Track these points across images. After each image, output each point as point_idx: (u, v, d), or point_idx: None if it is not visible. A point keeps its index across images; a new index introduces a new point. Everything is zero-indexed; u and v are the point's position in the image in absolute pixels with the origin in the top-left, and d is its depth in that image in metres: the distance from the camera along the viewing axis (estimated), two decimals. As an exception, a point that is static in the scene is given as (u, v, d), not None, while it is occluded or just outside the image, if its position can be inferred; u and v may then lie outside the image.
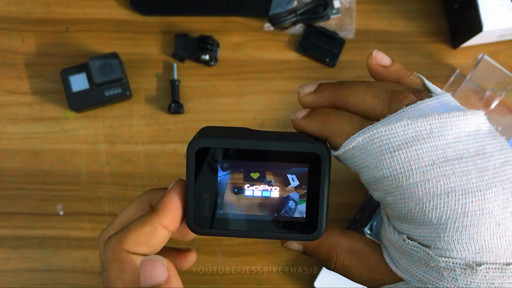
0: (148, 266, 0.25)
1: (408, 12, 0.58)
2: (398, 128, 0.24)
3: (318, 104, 0.28)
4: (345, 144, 0.25)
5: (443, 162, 0.23)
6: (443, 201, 0.23)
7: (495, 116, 0.55)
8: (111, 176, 0.55)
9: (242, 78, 0.57)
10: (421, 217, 0.24)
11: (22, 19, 0.57)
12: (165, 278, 0.25)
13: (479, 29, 0.52)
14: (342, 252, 0.28)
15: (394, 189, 0.24)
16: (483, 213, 0.23)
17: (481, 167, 0.23)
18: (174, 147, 0.56)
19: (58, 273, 0.54)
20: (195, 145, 0.26)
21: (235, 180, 0.26)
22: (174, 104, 0.55)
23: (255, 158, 0.26)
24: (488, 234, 0.23)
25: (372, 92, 0.26)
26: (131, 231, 0.26)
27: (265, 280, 0.55)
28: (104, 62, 0.53)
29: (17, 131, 0.55)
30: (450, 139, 0.24)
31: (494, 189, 0.23)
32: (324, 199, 0.26)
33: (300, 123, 0.28)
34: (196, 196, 0.26)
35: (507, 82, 0.54)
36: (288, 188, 0.26)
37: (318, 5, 0.55)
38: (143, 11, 0.57)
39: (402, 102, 0.25)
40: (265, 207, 0.27)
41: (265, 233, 0.27)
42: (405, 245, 0.25)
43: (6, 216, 0.55)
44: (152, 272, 0.24)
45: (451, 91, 0.55)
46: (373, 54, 0.28)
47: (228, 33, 0.57)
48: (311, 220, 0.26)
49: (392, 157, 0.24)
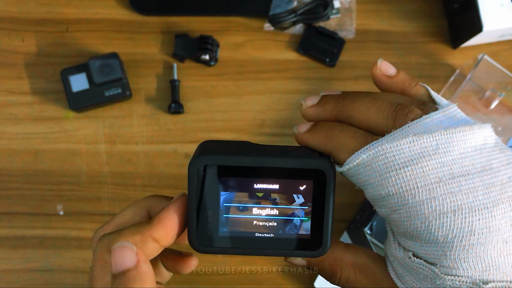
0: (118, 252, 0.25)
1: (408, 12, 0.58)
2: (403, 144, 0.23)
3: (321, 117, 0.27)
4: (349, 160, 0.25)
5: (449, 179, 0.23)
6: (450, 220, 0.23)
7: (495, 116, 0.55)
8: (111, 176, 0.55)
9: (242, 78, 0.57)
10: (427, 235, 0.23)
11: (22, 19, 0.57)
12: (134, 263, 0.25)
13: (479, 29, 0.52)
14: (346, 267, 0.27)
15: (400, 207, 0.24)
16: (490, 231, 0.22)
17: (488, 183, 0.23)
18: (174, 147, 0.56)
19: (58, 273, 0.54)
20: (197, 163, 0.25)
21: (239, 198, 0.26)
22: (174, 104, 0.55)
23: (258, 175, 0.26)
24: (495, 252, 0.23)
25: (376, 106, 0.25)
26: (122, 235, 0.26)
27: (265, 280, 0.55)
28: (104, 62, 0.53)
29: (17, 131, 0.55)
30: (457, 155, 0.23)
31: (501, 205, 0.22)
32: (329, 216, 0.26)
33: (303, 138, 0.27)
34: (198, 214, 0.26)
35: (507, 82, 0.54)
36: (293, 205, 0.26)
37: (318, 5, 0.55)
38: (143, 11, 0.57)
39: (407, 117, 0.24)
40: (270, 225, 0.26)
41: (269, 251, 0.26)
42: (411, 263, 0.25)
43: (6, 216, 0.55)
44: (121, 258, 0.25)
45: (451, 91, 0.55)
46: (378, 64, 0.27)
47: (228, 33, 0.57)
48: (316, 237, 0.26)
49: (398, 175, 0.23)
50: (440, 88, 0.57)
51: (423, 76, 0.57)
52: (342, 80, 0.57)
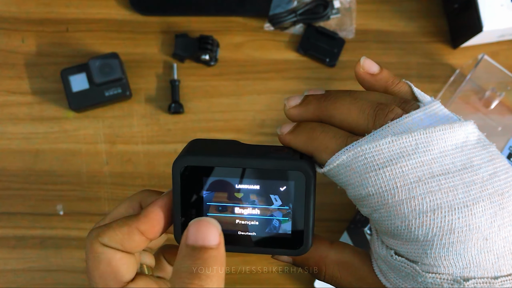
0: (203, 225, 0.24)
1: (408, 12, 0.58)
2: (382, 145, 0.23)
3: (304, 117, 0.27)
4: (329, 162, 0.25)
5: (429, 178, 0.23)
6: (429, 219, 0.23)
7: (495, 116, 0.55)
8: (111, 176, 0.55)
9: (242, 78, 0.57)
10: (408, 234, 0.23)
11: (22, 19, 0.57)
12: (217, 242, 0.24)
13: (479, 29, 0.52)
14: (331, 264, 0.28)
15: (380, 206, 0.24)
16: (469, 229, 0.22)
17: (468, 181, 0.23)
18: (174, 147, 0.56)
19: (58, 273, 0.54)
20: (180, 163, 0.26)
21: (220, 198, 0.27)
22: (174, 104, 0.55)
23: (239, 176, 0.26)
24: (475, 249, 0.23)
25: (357, 106, 0.25)
26: (110, 228, 0.27)
27: (265, 280, 0.55)
28: (104, 62, 0.53)
29: (17, 131, 0.55)
30: (436, 154, 0.23)
31: (482, 203, 0.23)
32: (309, 216, 0.26)
33: (286, 138, 0.27)
34: (183, 211, 0.27)
35: (507, 82, 0.54)
36: (272, 208, 0.26)
37: (318, 5, 0.55)
38: (143, 11, 0.57)
39: (387, 116, 0.24)
40: (252, 224, 0.27)
41: (252, 249, 0.27)
42: (393, 261, 0.25)
43: (6, 216, 0.55)
44: (205, 233, 0.24)
45: (451, 91, 0.55)
46: (361, 62, 0.28)
47: (228, 33, 0.57)
48: (297, 236, 0.27)
49: (377, 175, 0.23)
50: (440, 88, 0.57)
51: (423, 76, 0.57)
52: (342, 80, 0.57)
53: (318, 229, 0.55)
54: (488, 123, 0.55)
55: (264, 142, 0.56)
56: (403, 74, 0.57)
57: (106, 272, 0.26)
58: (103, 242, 0.27)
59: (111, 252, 0.27)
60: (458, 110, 0.55)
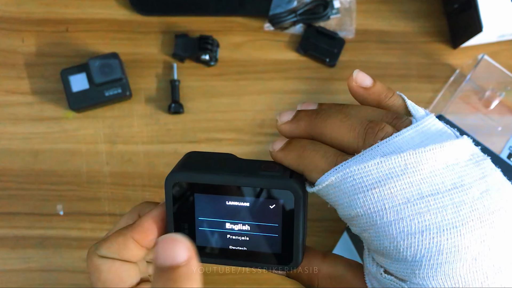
0: (168, 243, 0.22)
1: (408, 12, 0.58)
2: (371, 166, 0.23)
3: (295, 134, 0.27)
4: (318, 181, 0.25)
5: (417, 199, 0.23)
6: (417, 240, 0.22)
7: (495, 116, 0.55)
8: (111, 176, 0.55)
9: (242, 78, 0.57)
10: (396, 254, 0.23)
11: (22, 19, 0.57)
12: (185, 258, 0.22)
13: (479, 29, 0.52)
14: (323, 278, 0.28)
15: (369, 227, 0.24)
16: (458, 250, 0.22)
17: (458, 202, 0.23)
18: (174, 147, 0.56)
19: (58, 273, 0.54)
20: (171, 179, 0.27)
21: (212, 213, 0.27)
22: (174, 104, 0.55)
23: (230, 193, 0.27)
24: (464, 270, 0.22)
25: (347, 124, 0.25)
26: (107, 240, 0.27)
27: (265, 280, 0.55)
28: (104, 62, 0.53)
29: (17, 131, 0.55)
30: (426, 174, 0.23)
31: (471, 223, 0.22)
32: (299, 233, 0.27)
33: (277, 156, 0.27)
34: (176, 224, 0.27)
35: (507, 82, 0.54)
36: (263, 224, 0.27)
37: (318, 5, 0.55)
38: (143, 11, 0.57)
39: (377, 136, 0.24)
40: (242, 239, 0.27)
41: (243, 263, 0.28)
42: (382, 279, 0.25)
43: (6, 216, 0.55)
44: (171, 251, 0.22)
45: (451, 91, 0.55)
46: (354, 75, 0.27)
47: (228, 33, 0.57)
48: (287, 253, 0.27)
49: (366, 197, 0.23)
50: (440, 88, 0.57)
51: (423, 76, 0.57)
52: (342, 80, 0.57)
53: (318, 229, 0.55)
54: (488, 123, 0.55)
55: (264, 142, 0.56)
56: (403, 74, 0.57)
57: (108, 279, 0.27)
58: (101, 254, 0.27)
59: (109, 262, 0.27)
60: (458, 110, 0.55)
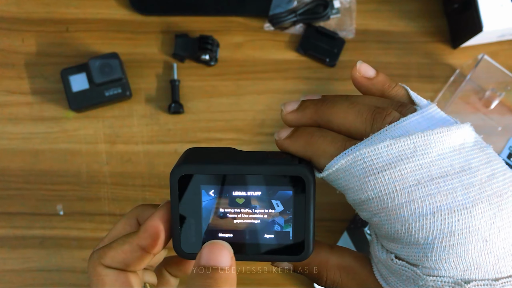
0: (216, 247, 0.25)
1: (408, 12, 0.58)
2: (381, 148, 0.23)
3: (301, 122, 0.27)
4: (328, 166, 0.25)
5: (428, 181, 0.23)
6: (429, 221, 0.23)
7: (495, 116, 0.55)
8: (111, 176, 0.55)
9: (242, 78, 0.57)
10: (408, 237, 0.23)
11: (22, 19, 0.57)
12: (229, 264, 0.25)
13: (479, 29, 0.52)
14: (332, 269, 0.28)
15: (380, 210, 0.24)
16: (469, 231, 0.22)
17: (467, 183, 0.23)
18: (174, 147, 0.56)
19: (58, 273, 0.54)
20: (177, 172, 0.26)
21: (220, 206, 0.26)
22: (174, 104, 0.55)
23: (238, 183, 0.26)
24: (475, 251, 0.23)
25: (354, 111, 0.25)
26: (111, 248, 0.27)
27: (265, 280, 0.55)
28: (104, 62, 0.53)
29: (17, 131, 0.55)
30: (435, 157, 0.23)
31: (481, 205, 0.23)
32: (310, 221, 0.26)
33: (283, 144, 0.27)
34: (182, 221, 0.26)
35: (507, 82, 0.54)
36: (273, 213, 0.26)
37: (318, 5, 0.55)
38: (143, 11, 0.57)
39: (385, 120, 0.24)
40: (251, 231, 0.27)
41: (253, 256, 0.27)
42: (393, 264, 0.25)
43: (6, 216, 0.55)
44: (218, 254, 0.25)
45: (451, 91, 0.55)
46: (357, 66, 0.27)
47: (228, 33, 0.57)
48: (298, 242, 0.26)
49: (376, 179, 0.23)
50: (440, 88, 0.57)
51: (423, 76, 0.57)
52: (342, 80, 0.57)
53: (318, 229, 0.55)
54: (488, 123, 0.55)
55: (264, 142, 0.56)
56: (403, 74, 0.57)
57: None
58: (106, 264, 0.26)
59: (115, 274, 0.26)
60: (458, 110, 0.55)
